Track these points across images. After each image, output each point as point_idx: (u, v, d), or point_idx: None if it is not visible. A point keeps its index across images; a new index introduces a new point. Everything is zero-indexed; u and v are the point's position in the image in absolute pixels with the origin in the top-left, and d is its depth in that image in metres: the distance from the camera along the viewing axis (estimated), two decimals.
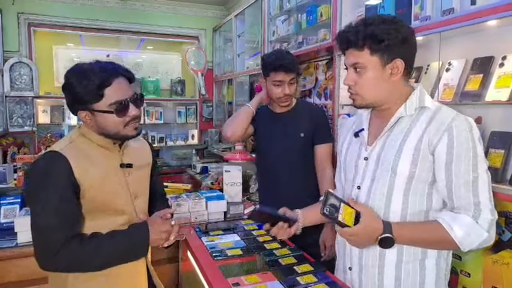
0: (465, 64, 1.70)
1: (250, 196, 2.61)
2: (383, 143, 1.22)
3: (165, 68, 5.34)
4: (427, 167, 1.14)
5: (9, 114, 4.23)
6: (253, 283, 1.34)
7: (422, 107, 1.18)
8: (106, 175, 1.29)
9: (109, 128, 1.27)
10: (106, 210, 1.29)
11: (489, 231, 1.09)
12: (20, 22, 4.33)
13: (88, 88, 1.21)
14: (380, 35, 1.11)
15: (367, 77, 1.17)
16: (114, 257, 1.25)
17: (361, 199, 1.26)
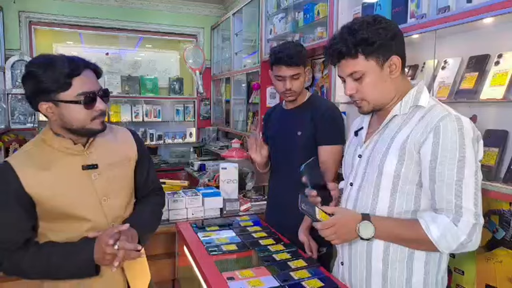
0: (460, 62, 1.71)
1: (246, 193, 2.62)
2: (375, 141, 1.23)
3: (164, 66, 5.34)
4: (414, 167, 1.13)
5: (10, 111, 4.26)
6: (247, 277, 1.35)
7: (417, 105, 1.17)
8: (64, 182, 1.23)
9: (74, 121, 1.20)
10: (66, 218, 1.24)
11: (470, 235, 1.05)
12: (21, 20, 4.34)
13: (55, 76, 1.15)
14: (370, 37, 1.11)
15: (368, 83, 1.16)
16: (58, 273, 1.22)
17: (352, 196, 1.28)
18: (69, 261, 1.21)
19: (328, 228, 1.17)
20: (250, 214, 2.25)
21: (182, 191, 2.31)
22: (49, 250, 1.22)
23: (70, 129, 1.23)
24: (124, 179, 1.38)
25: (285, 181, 1.93)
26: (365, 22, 1.13)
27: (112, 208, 1.32)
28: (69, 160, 1.26)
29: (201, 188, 2.45)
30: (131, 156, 1.41)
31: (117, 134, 1.42)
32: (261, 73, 3.42)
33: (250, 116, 3.96)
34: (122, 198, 1.37)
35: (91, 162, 1.28)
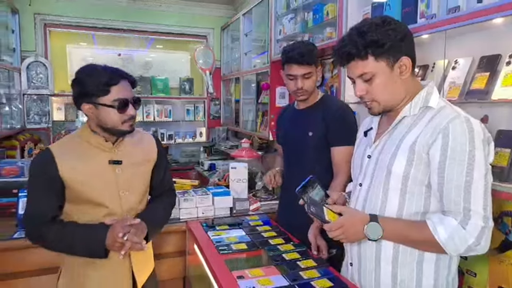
0: (471, 63, 1.69)
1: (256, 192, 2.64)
2: (384, 142, 1.23)
3: (174, 67, 5.38)
4: (423, 169, 1.13)
5: (26, 111, 4.35)
6: (257, 276, 1.37)
7: (427, 106, 1.17)
8: (92, 171, 1.43)
9: (108, 122, 1.42)
10: (89, 203, 1.44)
11: (479, 239, 1.05)
12: (36, 23, 4.43)
13: (98, 83, 1.37)
14: (380, 39, 1.11)
15: (378, 84, 1.16)
16: (73, 247, 1.41)
17: (361, 196, 1.28)
18: (85, 240, 1.40)
19: (336, 229, 1.19)
20: (260, 213, 2.26)
21: (192, 190, 2.34)
22: (71, 228, 1.42)
23: (104, 128, 1.44)
24: (142, 177, 1.57)
25: (297, 181, 1.90)
26: (374, 24, 1.13)
27: (128, 201, 1.50)
28: (99, 154, 1.47)
29: (211, 187, 2.48)
30: (151, 158, 1.61)
31: (143, 138, 1.63)
32: (271, 73, 3.44)
33: (259, 116, 3.97)
34: (138, 193, 1.55)
35: (117, 158, 1.48)
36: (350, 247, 1.34)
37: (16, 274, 1.80)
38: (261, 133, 3.82)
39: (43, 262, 1.82)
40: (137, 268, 1.52)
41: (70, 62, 4.84)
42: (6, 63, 3.81)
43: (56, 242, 1.41)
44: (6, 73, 3.83)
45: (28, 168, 1.51)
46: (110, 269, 1.47)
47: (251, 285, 1.30)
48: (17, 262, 1.81)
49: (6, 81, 3.82)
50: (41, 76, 4.40)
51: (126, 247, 1.37)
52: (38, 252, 1.80)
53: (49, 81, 4.41)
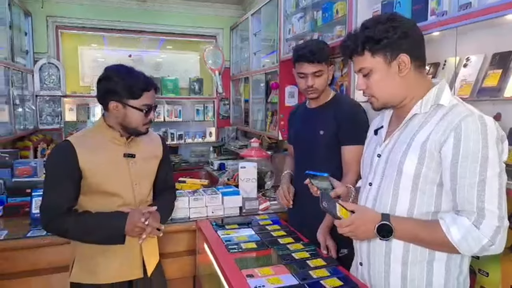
0: (483, 59, 1.67)
1: (265, 192, 2.64)
2: (395, 141, 1.22)
3: (184, 67, 5.42)
4: (435, 167, 1.11)
5: (39, 112, 4.43)
6: (266, 275, 1.37)
7: (438, 104, 1.15)
8: (108, 163, 1.54)
9: (132, 122, 1.54)
10: (104, 193, 1.54)
11: (494, 238, 1.03)
12: (48, 25, 4.51)
13: (133, 87, 1.49)
14: (377, 35, 1.12)
15: (375, 79, 1.17)
16: (93, 234, 1.49)
17: (371, 195, 1.27)
18: (103, 226, 1.50)
19: (346, 226, 1.19)
20: (269, 213, 2.26)
21: (202, 189, 2.35)
22: (89, 216, 1.51)
23: (126, 126, 1.56)
24: (151, 171, 1.70)
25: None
26: (377, 20, 1.15)
27: (140, 192, 1.63)
28: (114, 148, 1.58)
29: (221, 187, 2.48)
30: (158, 155, 1.74)
31: (151, 136, 1.75)
32: (280, 72, 3.43)
33: (268, 116, 3.97)
34: (147, 186, 1.68)
35: (130, 152, 1.60)
36: (359, 247, 1.34)
37: (29, 273, 1.83)
38: (270, 132, 3.82)
39: (56, 260, 1.85)
40: (146, 255, 1.62)
41: (81, 63, 4.91)
42: (19, 65, 3.88)
43: (75, 231, 1.49)
44: (20, 75, 3.90)
45: (47, 160, 1.59)
46: (122, 256, 1.56)
47: (261, 284, 1.30)
48: (30, 261, 1.85)
49: (19, 83, 3.89)
50: (53, 78, 4.47)
51: (146, 232, 1.50)
52: (51, 251, 1.84)
53: (61, 82, 4.48)
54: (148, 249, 1.64)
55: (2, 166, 2.48)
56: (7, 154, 2.56)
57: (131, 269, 1.59)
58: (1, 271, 1.81)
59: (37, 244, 1.83)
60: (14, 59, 3.68)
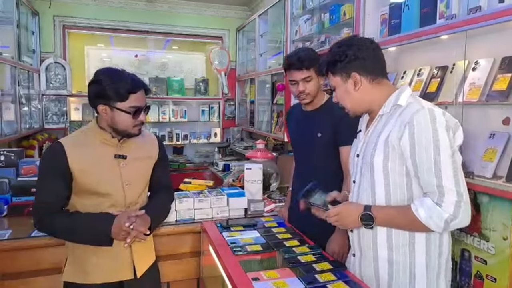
0: (492, 63, 1.66)
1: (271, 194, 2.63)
2: (366, 141, 1.40)
3: (190, 68, 5.42)
4: (398, 160, 1.27)
5: (44, 111, 4.45)
6: (272, 278, 1.36)
7: (397, 105, 1.31)
8: (99, 164, 1.54)
9: (120, 124, 1.53)
10: (94, 194, 1.54)
11: (455, 213, 1.18)
12: (55, 25, 4.52)
13: (119, 89, 1.47)
14: (333, 59, 1.36)
15: (338, 94, 1.41)
16: (80, 235, 1.51)
17: (355, 191, 1.44)
18: (91, 228, 1.50)
19: (333, 215, 1.38)
20: (274, 215, 2.26)
21: (207, 190, 2.35)
22: (78, 217, 1.52)
23: (116, 129, 1.55)
24: (144, 172, 1.69)
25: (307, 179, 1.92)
26: (337, 44, 1.39)
27: (131, 193, 1.61)
28: (106, 149, 1.57)
29: (226, 188, 2.48)
30: (153, 156, 1.73)
31: (146, 137, 1.73)
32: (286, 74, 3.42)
33: (274, 117, 3.97)
34: (139, 186, 1.66)
35: (121, 153, 1.59)
36: (352, 238, 1.47)
37: (33, 272, 1.84)
38: (276, 134, 3.81)
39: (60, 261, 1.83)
40: (136, 257, 1.61)
41: (87, 63, 4.93)
42: (26, 64, 3.90)
43: (63, 230, 1.51)
44: (26, 74, 3.92)
45: (40, 161, 1.60)
46: (111, 257, 1.56)
47: (267, 287, 1.29)
48: (34, 261, 1.85)
49: (26, 82, 3.91)
50: (59, 77, 4.49)
51: (131, 236, 1.50)
52: (55, 251, 1.84)
53: (67, 82, 4.50)
54: (139, 250, 1.62)
55: (7, 165, 2.49)
56: (12, 153, 2.57)
57: (120, 270, 1.59)
58: (5, 270, 1.82)
59: (41, 244, 1.84)
60: (21, 58, 3.70)
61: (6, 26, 3.39)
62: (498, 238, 1.48)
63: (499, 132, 1.58)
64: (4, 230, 1.96)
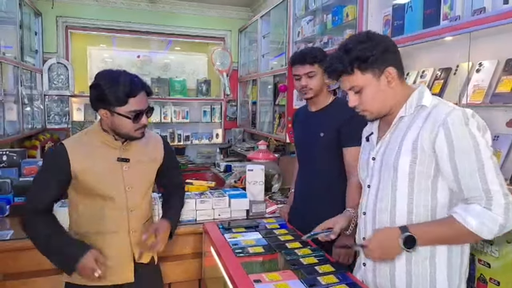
0: (496, 65, 1.65)
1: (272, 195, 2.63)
2: (386, 143, 1.31)
3: (192, 68, 5.43)
4: (427, 163, 1.19)
5: (47, 111, 4.45)
6: (274, 280, 1.36)
7: (420, 105, 1.24)
8: (101, 166, 1.52)
9: (121, 129, 1.50)
10: (96, 195, 1.53)
11: (506, 215, 1.10)
12: (58, 25, 4.53)
13: (117, 93, 1.43)
14: (363, 54, 1.21)
15: (367, 95, 1.26)
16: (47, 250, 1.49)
17: (371, 196, 1.34)
18: (60, 252, 1.48)
19: (373, 247, 1.24)
20: (276, 216, 2.25)
21: (208, 191, 2.34)
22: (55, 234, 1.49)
23: (118, 132, 1.53)
24: (147, 175, 1.67)
25: (309, 180, 1.99)
26: (358, 40, 1.24)
27: (133, 196, 1.59)
28: (108, 151, 1.56)
29: (228, 189, 2.47)
30: (157, 158, 1.70)
31: (150, 139, 1.70)
32: (288, 74, 3.42)
33: (276, 118, 3.96)
34: (142, 190, 1.64)
35: (124, 156, 1.58)
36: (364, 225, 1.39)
37: (35, 273, 1.83)
38: (277, 135, 3.81)
39: None
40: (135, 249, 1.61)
41: (90, 63, 4.94)
42: (28, 65, 3.91)
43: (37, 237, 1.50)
44: (29, 74, 3.92)
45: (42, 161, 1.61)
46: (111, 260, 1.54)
47: None
48: (36, 261, 1.84)
49: (28, 82, 3.92)
50: (62, 77, 4.49)
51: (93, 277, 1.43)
52: None
53: (69, 82, 4.51)
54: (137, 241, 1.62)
55: (9, 166, 2.49)
56: (15, 154, 2.57)
57: (122, 273, 1.58)
58: (7, 271, 1.81)
59: None
60: (23, 59, 3.70)
61: (9, 26, 3.39)
62: (502, 241, 1.47)
63: (503, 135, 1.58)
64: (6, 230, 1.96)
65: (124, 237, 1.58)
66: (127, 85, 1.45)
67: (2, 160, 2.50)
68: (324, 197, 1.89)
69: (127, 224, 1.59)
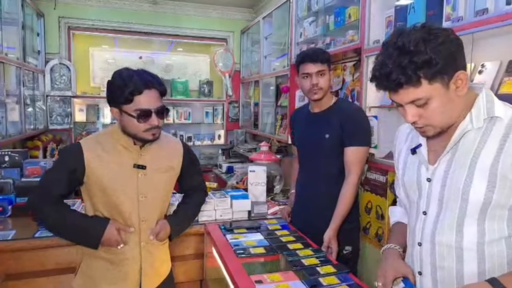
0: (499, 66, 1.65)
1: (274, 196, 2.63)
2: (448, 163, 1.06)
3: (194, 69, 5.43)
4: (507, 191, 0.98)
5: (49, 112, 4.46)
6: (275, 281, 1.36)
7: (493, 117, 1.01)
8: (116, 171, 1.46)
9: (129, 129, 1.44)
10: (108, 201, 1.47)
11: None
12: (60, 26, 4.54)
13: (123, 91, 1.37)
14: (434, 58, 0.92)
15: (434, 107, 0.99)
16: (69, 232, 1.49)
17: (428, 226, 1.11)
18: (81, 229, 1.46)
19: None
20: (278, 217, 2.25)
21: (210, 192, 2.34)
22: (70, 214, 1.49)
23: (127, 133, 1.46)
24: (164, 184, 1.58)
25: (314, 181, 1.98)
26: (421, 39, 0.94)
27: (145, 207, 1.52)
28: (125, 156, 1.49)
29: (230, 190, 2.47)
30: (174, 166, 1.62)
31: (170, 145, 1.64)
32: (291, 76, 3.42)
33: (278, 119, 3.96)
34: (156, 201, 1.56)
35: (141, 163, 1.50)
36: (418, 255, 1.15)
37: (37, 273, 1.84)
38: (280, 136, 3.80)
39: (64, 261, 1.86)
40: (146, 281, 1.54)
41: (92, 64, 4.95)
42: (31, 65, 3.92)
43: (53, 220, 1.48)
44: (31, 75, 3.93)
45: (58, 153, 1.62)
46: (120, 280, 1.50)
47: None
48: (38, 261, 1.85)
49: (30, 83, 3.93)
50: (64, 78, 4.50)
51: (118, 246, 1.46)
52: (59, 251, 1.85)
53: (71, 83, 4.52)
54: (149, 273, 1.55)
55: (11, 166, 2.50)
56: (17, 154, 2.57)
57: None
58: (9, 271, 1.82)
59: (45, 244, 1.84)
60: (25, 59, 3.71)
61: (12, 27, 3.40)
62: None
63: None
64: (8, 230, 1.96)
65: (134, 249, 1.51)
66: (134, 81, 1.37)
67: (4, 161, 2.51)
68: (328, 197, 1.88)
69: (138, 236, 1.52)
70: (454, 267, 1.05)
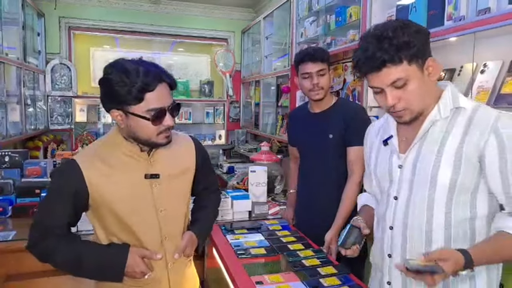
0: (501, 66, 1.64)
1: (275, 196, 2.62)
2: (418, 150, 1.14)
3: (195, 70, 5.43)
4: (471, 174, 1.06)
5: (50, 112, 4.47)
6: (276, 282, 1.35)
7: (457, 107, 1.10)
8: (125, 186, 1.21)
9: (140, 134, 1.18)
10: (120, 223, 1.22)
11: None
12: (61, 26, 4.55)
13: (129, 89, 1.11)
14: (411, 41, 1.03)
15: (413, 89, 1.07)
16: (85, 268, 1.20)
17: (400, 210, 1.18)
18: (98, 264, 1.20)
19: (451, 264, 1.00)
20: (279, 218, 2.24)
21: None
22: (82, 248, 1.22)
23: (137, 139, 1.21)
24: (182, 190, 1.36)
25: (318, 182, 1.96)
26: (399, 27, 1.05)
27: (167, 221, 1.29)
28: (133, 166, 1.24)
29: (230, 191, 2.47)
30: (190, 167, 1.39)
31: (181, 143, 1.39)
32: (291, 76, 3.41)
33: (279, 119, 3.95)
34: (179, 209, 1.34)
35: (154, 171, 1.25)
36: (388, 268, 1.21)
37: (38, 274, 1.83)
38: (280, 136, 3.80)
39: None
40: None
41: (93, 64, 4.95)
42: (31, 65, 3.92)
43: (66, 259, 1.20)
44: (32, 75, 3.94)
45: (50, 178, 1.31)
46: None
47: None
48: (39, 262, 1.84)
49: (31, 83, 3.93)
50: (64, 78, 4.51)
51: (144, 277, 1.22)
52: None
53: (72, 83, 4.52)
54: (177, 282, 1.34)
55: (11, 166, 2.49)
56: (17, 154, 2.57)
57: None
58: (10, 272, 1.82)
59: None
60: (26, 60, 3.71)
61: (12, 27, 3.40)
62: None
63: None
64: (8, 231, 1.96)
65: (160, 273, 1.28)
66: (141, 75, 1.11)
67: (4, 161, 2.50)
68: (334, 197, 1.86)
69: (163, 257, 1.27)
70: (423, 248, 1.13)
